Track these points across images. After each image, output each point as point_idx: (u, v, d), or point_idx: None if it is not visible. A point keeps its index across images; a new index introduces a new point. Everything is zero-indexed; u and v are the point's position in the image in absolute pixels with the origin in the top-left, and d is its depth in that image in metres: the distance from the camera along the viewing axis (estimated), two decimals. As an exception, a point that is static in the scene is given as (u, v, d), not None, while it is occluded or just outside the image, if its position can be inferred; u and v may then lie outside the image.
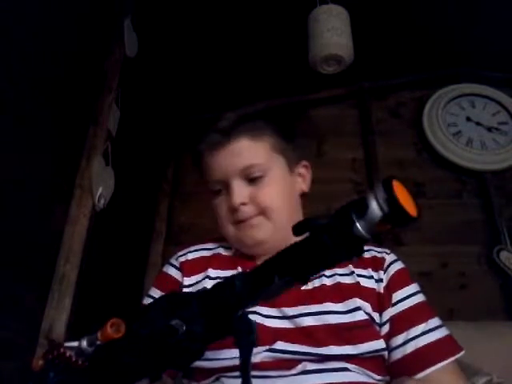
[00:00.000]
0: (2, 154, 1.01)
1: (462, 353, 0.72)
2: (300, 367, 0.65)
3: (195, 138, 0.84)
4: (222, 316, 0.43)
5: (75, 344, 0.46)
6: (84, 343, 0.45)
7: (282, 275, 0.42)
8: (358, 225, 0.38)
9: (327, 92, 2.23)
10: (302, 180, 0.85)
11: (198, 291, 0.47)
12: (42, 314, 1.13)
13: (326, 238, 0.39)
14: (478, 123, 2.06)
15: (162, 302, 0.46)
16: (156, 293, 0.80)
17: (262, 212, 0.76)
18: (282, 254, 0.44)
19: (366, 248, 0.80)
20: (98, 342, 0.44)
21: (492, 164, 1.94)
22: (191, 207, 2.17)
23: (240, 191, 0.75)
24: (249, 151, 0.77)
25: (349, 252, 0.40)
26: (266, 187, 0.76)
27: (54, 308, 1.15)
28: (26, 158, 1.10)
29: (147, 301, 0.79)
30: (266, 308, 0.72)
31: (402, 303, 0.74)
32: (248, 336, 0.43)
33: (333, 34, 1.52)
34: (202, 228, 2.08)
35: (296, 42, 1.70)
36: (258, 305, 0.48)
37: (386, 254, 0.81)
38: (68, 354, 0.44)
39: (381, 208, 0.38)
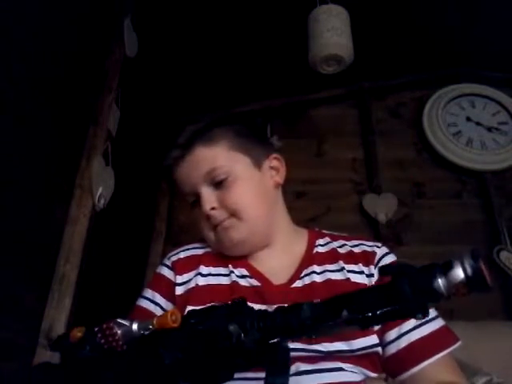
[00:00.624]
0: (2, 154, 1.01)
1: (457, 343, 0.71)
2: (293, 368, 0.64)
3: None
4: (277, 337, 0.43)
5: (126, 323, 0.46)
6: (135, 326, 0.45)
7: (351, 311, 0.42)
8: (439, 280, 0.41)
9: (327, 92, 2.24)
10: (276, 173, 0.84)
11: (260, 310, 0.46)
12: (42, 314, 1.13)
13: (406, 284, 0.41)
14: (478, 123, 2.06)
15: (225, 307, 0.46)
16: (149, 293, 0.80)
17: (233, 213, 0.76)
18: (356, 293, 0.45)
19: (356, 242, 0.82)
20: (151, 327, 0.45)
21: (492, 164, 1.94)
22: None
23: (208, 197, 0.76)
24: (205, 156, 0.78)
25: (420, 305, 0.41)
26: (231, 188, 0.77)
27: (53, 308, 1.15)
28: (26, 158, 1.10)
29: (140, 302, 0.79)
30: (258, 305, 0.71)
31: None
32: (282, 370, 0.42)
33: (333, 34, 1.52)
34: (202, 228, 2.09)
35: (296, 41, 1.70)
36: (314, 337, 0.48)
37: (377, 247, 0.80)
38: (115, 330, 0.44)
39: (465, 271, 0.40)
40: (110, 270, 1.59)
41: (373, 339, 0.69)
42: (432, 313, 0.72)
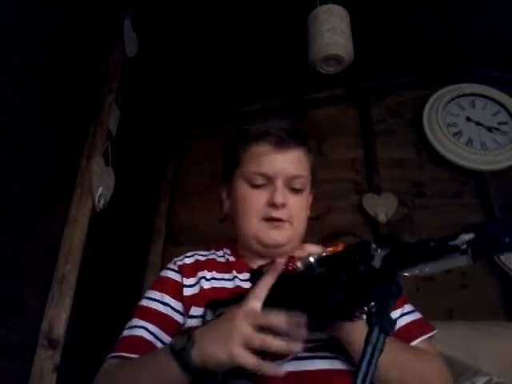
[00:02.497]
0: (2, 154, 1.01)
1: (434, 331, 0.77)
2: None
3: (251, 123, 0.89)
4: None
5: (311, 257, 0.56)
6: (312, 258, 0.56)
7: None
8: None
9: (327, 92, 2.24)
10: (309, 205, 0.92)
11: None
12: (42, 314, 1.13)
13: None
14: (477, 123, 2.06)
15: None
16: (157, 295, 0.82)
17: (290, 219, 0.82)
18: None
19: None
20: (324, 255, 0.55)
21: (492, 164, 1.94)
22: (191, 207, 2.17)
23: (284, 193, 0.81)
24: (301, 163, 0.84)
25: None
26: (300, 200, 0.84)
27: (53, 308, 1.15)
28: (26, 158, 1.10)
29: (149, 304, 0.81)
30: None
31: None
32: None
33: (333, 34, 1.52)
34: (202, 228, 2.09)
35: (296, 42, 1.70)
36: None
37: None
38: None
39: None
40: (110, 270, 1.59)
41: None
42: (410, 307, 0.80)
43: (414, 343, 0.74)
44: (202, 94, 2.21)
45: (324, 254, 0.56)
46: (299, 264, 0.56)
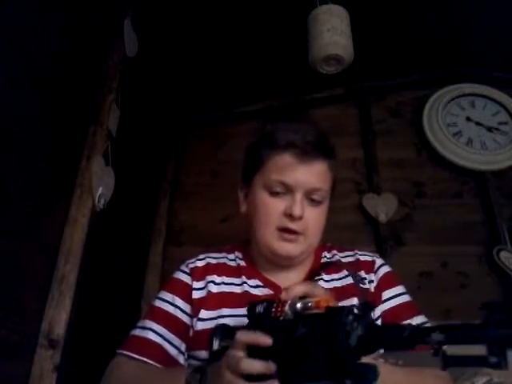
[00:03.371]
0: (2, 154, 1.01)
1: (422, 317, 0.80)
2: None
3: (277, 128, 0.87)
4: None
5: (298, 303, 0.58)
6: (299, 304, 0.58)
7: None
8: None
9: (327, 92, 2.24)
10: None
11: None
12: (42, 314, 1.13)
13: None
14: (477, 123, 2.06)
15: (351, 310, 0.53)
16: (169, 297, 0.84)
17: (305, 232, 0.80)
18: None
19: (360, 252, 0.90)
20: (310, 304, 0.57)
21: (492, 164, 1.94)
22: (191, 207, 2.17)
23: (302, 205, 0.79)
24: (324, 176, 0.82)
25: None
26: (318, 213, 0.82)
27: (53, 308, 1.15)
28: (26, 158, 1.10)
29: (160, 304, 0.84)
30: None
31: (391, 301, 0.82)
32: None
33: (333, 34, 1.52)
34: (202, 228, 2.09)
35: (296, 42, 1.70)
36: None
37: (376, 257, 0.89)
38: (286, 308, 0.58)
39: None
40: (110, 270, 1.59)
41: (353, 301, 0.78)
42: (423, 318, 0.83)
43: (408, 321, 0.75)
44: (202, 93, 2.21)
45: (310, 303, 0.58)
46: (287, 309, 0.58)
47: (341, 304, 0.75)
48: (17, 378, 1.05)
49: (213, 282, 0.83)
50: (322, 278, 0.83)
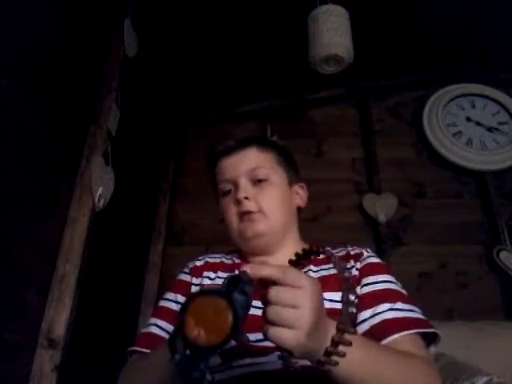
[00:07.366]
0: (2, 154, 1.01)
1: (431, 329, 0.73)
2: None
3: (211, 145, 0.98)
4: None
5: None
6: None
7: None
8: None
9: (327, 92, 2.24)
10: (299, 198, 0.98)
11: None
12: (42, 314, 1.14)
13: None
14: (477, 123, 2.06)
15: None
16: (172, 296, 0.89)
17: (261, 210, 0.87)
18: None
19: (351, 247, 0.90)
20: None
21: (492, 164, 1.94)
22: (191, 207, 2.17)
23: (245, 188, 0.88)
24: (257, 157, 0.92)
25: None
26: (267, 190, 0.89)
27: (53, 308, 1.15)
28: (26, 158, 1.10)
29: (164, 303, 0.88)
30: (256, 301, 0.71)
31: (372, 286, 0.80)
32: None
33: (333, 34, 1.52)
34: (202, 228, 2.09)
35: (296, 42, 1.70)
36: None
37: (366, 251, 0.89)
38: None
39: None
40: (110, 270, 1.59)
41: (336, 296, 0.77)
42: (410, 306, 0.76)
43: (404, 333, 0.70)
44: (202, 93, 2.21)
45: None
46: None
47: (326, 293, 0.73)
48: (17, 377, 1.05)
49: (208, 277, 0.88)
50: (310, 269, 0.85)
